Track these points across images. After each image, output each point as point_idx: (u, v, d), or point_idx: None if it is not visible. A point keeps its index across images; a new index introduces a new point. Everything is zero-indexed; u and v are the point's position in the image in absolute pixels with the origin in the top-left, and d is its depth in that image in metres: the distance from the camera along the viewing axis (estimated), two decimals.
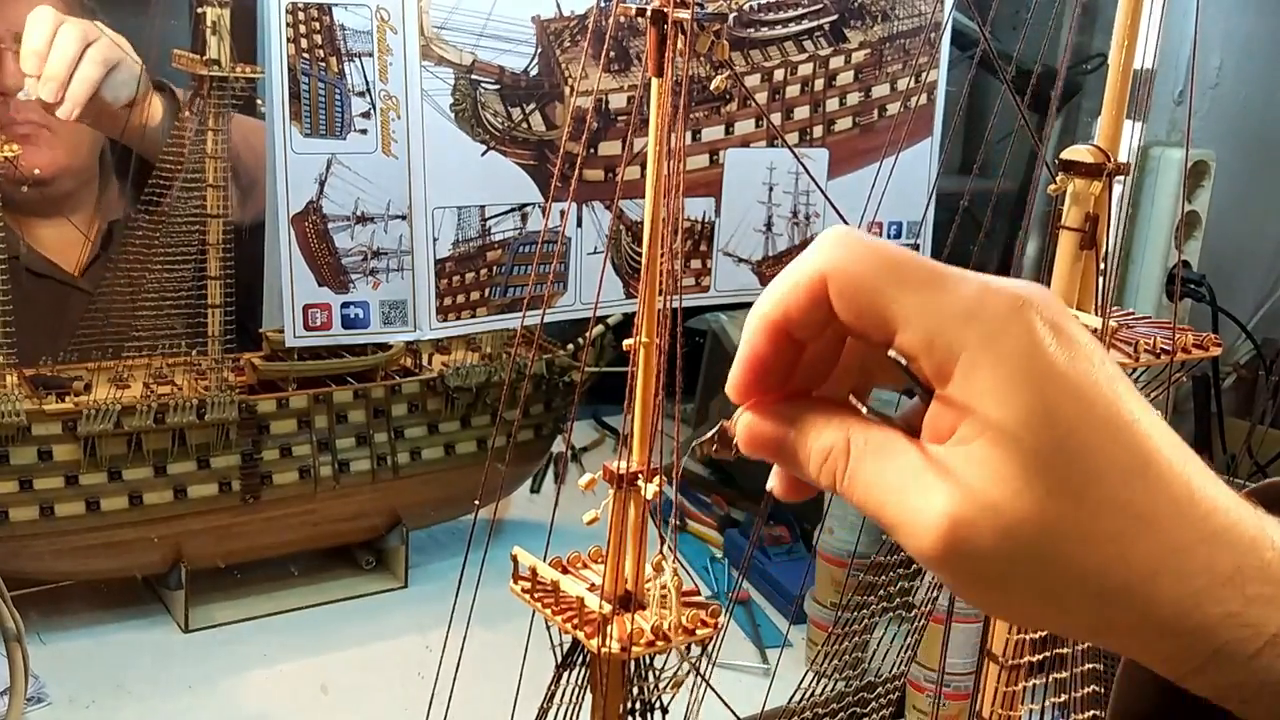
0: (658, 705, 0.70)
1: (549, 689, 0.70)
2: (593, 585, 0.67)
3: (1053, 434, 0.41)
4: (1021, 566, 0.42)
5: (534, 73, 1.43)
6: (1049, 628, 0.75)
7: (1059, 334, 0.43)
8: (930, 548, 0.43)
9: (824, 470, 0.46)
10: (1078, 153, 0.80)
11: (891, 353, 0.44)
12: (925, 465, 0.43)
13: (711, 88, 1.42)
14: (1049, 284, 0.81)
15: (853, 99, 1.58)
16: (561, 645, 0.69)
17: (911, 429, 0.45)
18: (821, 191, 1.57)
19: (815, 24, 1.54)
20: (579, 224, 1.49)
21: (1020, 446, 0.41)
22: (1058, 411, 0.42)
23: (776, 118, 1.54)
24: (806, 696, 0.93)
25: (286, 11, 1.30)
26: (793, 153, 1.56)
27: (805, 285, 0.45)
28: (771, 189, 1.56)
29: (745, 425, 0.49)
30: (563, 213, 1.44)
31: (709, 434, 0.51)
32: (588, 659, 0.69)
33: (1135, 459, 0.42)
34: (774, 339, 0.47)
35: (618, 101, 1.46)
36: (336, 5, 1.32)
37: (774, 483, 0.51)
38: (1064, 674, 0.87)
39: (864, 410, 0.47)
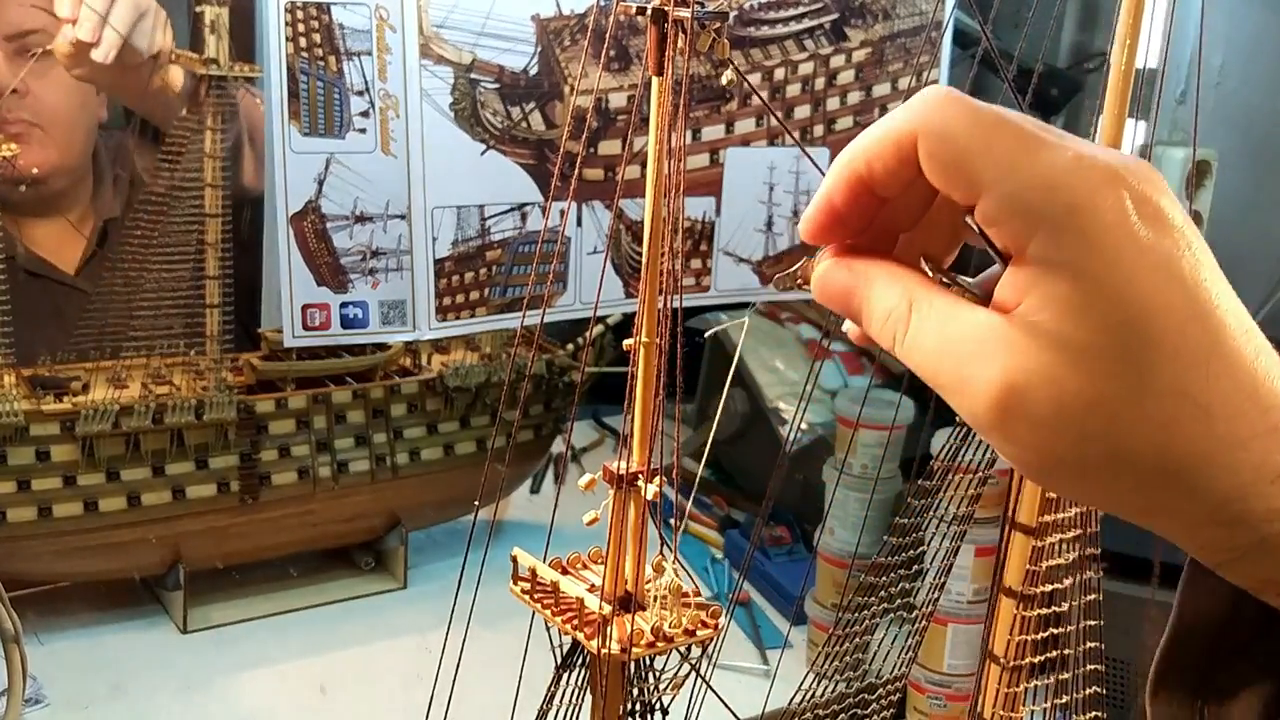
0: (658, 706, 0.70)
1: (549, 690, 0.69)
2: (593, 586, 0.67)
3: (1123, 313, 0.41)
4: (1073, 441, 0.42)
5: (534, 72, 1.43)
6: (1096, 504, 0.74)
7: (1148, 211, 0.42)
8: (984, 412, 0.43)
9: (884, 330, 0.46)
10: None
11: (968, 218, 0.43)
12: (988, 331, 0.43)
13: (723, 81, 1.42)
14: None
15: (854, 98, 1.58)
16: (561, 646, 0.69)
17: (984, 296, 0.45)
18: None
19: (816, 23, 1.53)
20: (579, 223, 1.49)
21: (1086, 321, 0.41)
22: (1132, 291, 0.41)
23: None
24: (807, 698, 0.92)
25: (285, 10, 1.30)
26: (800, 146, 1.55)
27: (894, 142, 0.44)
28: (772, 188, 1.56)
29: (819, 273, 0.48)
30: (563, 212, 1.44)
31: (794, 268, 0.51)
32: (587, 660, 0.68)
33: (1203, 346, 0.42)
34: (853, 190, 0.46)
35: (618, 100, 1.46)
36: (335, 4, 1.32)
37: (849, 327, 0.50)
38: (1066, 675, 0.86)
39: (930, 273, 0.46)
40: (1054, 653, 0.86)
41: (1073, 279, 0.41)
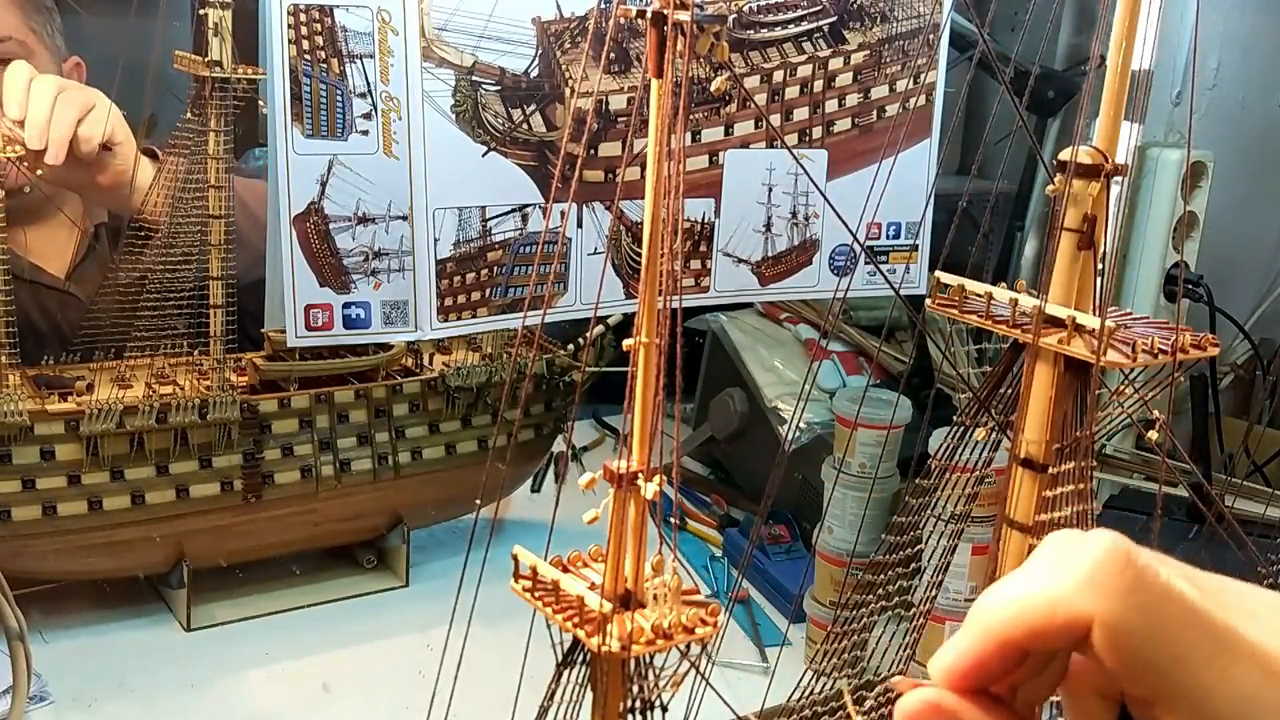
0: (658, 703, 0.71)
1: (549, 687, 0.70)
2: (593, 584, 0.68)
3: None
4: None
5: (534, 74, 1.43)
6: None
7: None
8: None
9: None
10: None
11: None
12: None
13: (712, 89, 1.42)
14: (1047, 284, 0.82)
15: (852, 100, 1.59)
16: (562, 644, 0.69)
17: None
18: (820, 193, 1.58)
19: (814, 25, 1.54)
20: (579, 225, 1.50)
21: None
22: None
23: (776, 119, 1.55)
24: (806, 695, 0.93)
25: (288, 13, 1.31)
26: (792, 154, 1.56)
27: (1064, 620, 0.40)
28: (771, 190, 1.57)
29: (908, 708, 0.44)
30: (563, 213, 1.45)
31: (895, 678, 0.47)
32: (588, 657, 0.69)
33: None
34: (1008, 653, 0.42)
35: (618, 103, 1.47)
36: (338, 7, 1.32)
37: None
38: None
39: None
40: None
41: None
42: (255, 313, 1.46)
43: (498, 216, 1.46)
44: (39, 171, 1.41)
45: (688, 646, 0.68)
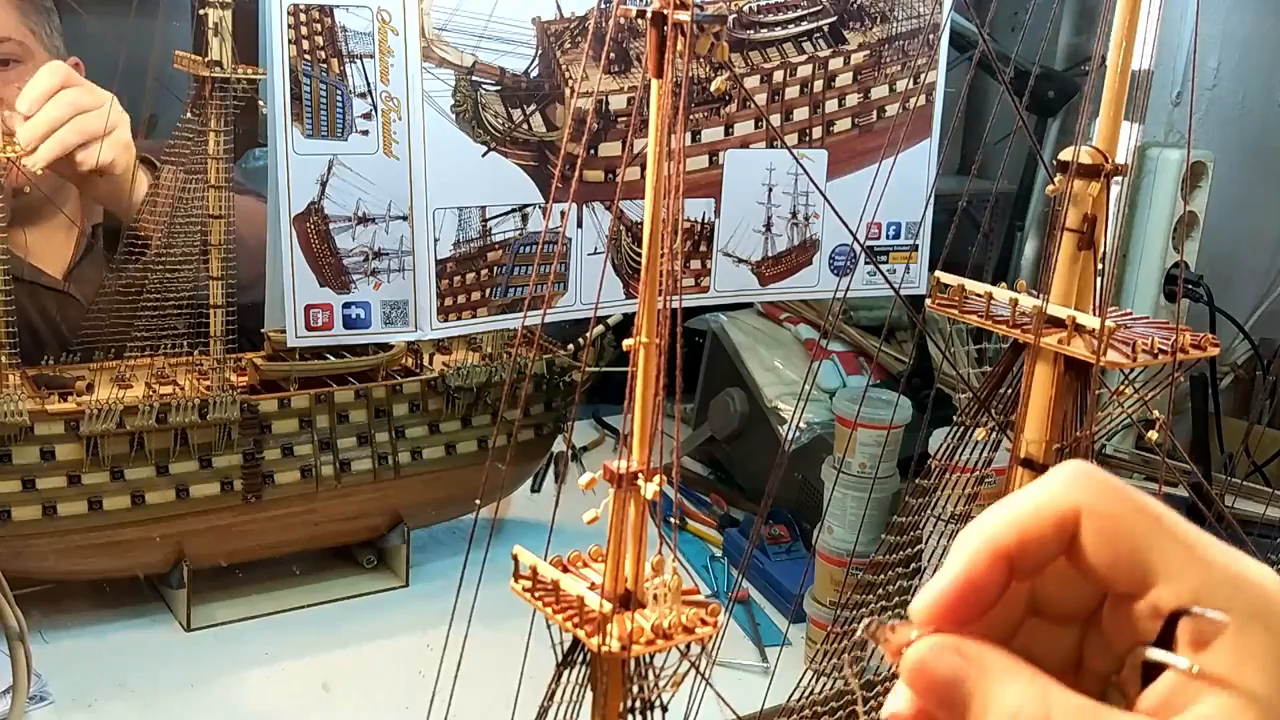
0: (658, 703, 0.71)
1: (549, 687, 0.70)
2: (593, 584, 0.68)
3: None
4: None
5: (534, 74, 1.43)
6: None
7: None
8: None
9: None
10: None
11: (1167, 610, 0.40)
12: None
13: (712, 89, 1.42)
14: (1048, 284, 0.82)
15: (852, 100, 1.59)
16: (562, 644, 0.69)
17: (1120, 697, 0.41)
18: (820, 193, 1.58)
19: (814, 25, 1.54)
20: (579, 225, 1.50)
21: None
22: None
23: (776, 119, 1.55)
24: (806, 695, 0.93)
25: (288, 13, 1.31)
26: (792, 154, 1.56)
27: (1053, 517, 0.41)
28: (771, 190, 1.57)
29: (919, 652, 0.42)
30: (563, 213, 1.45)
31: (870, 623, 0.44)
32: (588, 657, 0.69)
33: None
34: (999, 568, 0.42)
35: (618, 103, 1.47)
36: (338, 7, 1.32)
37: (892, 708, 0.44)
38: None
39: (1150, 652, 0.41)
40: None
41: (1264, 682, 0.38)
42: (246, 328, 1.46)
43: (498, 216, 1.46)
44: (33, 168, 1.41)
45: (688, 646, 0.68)
